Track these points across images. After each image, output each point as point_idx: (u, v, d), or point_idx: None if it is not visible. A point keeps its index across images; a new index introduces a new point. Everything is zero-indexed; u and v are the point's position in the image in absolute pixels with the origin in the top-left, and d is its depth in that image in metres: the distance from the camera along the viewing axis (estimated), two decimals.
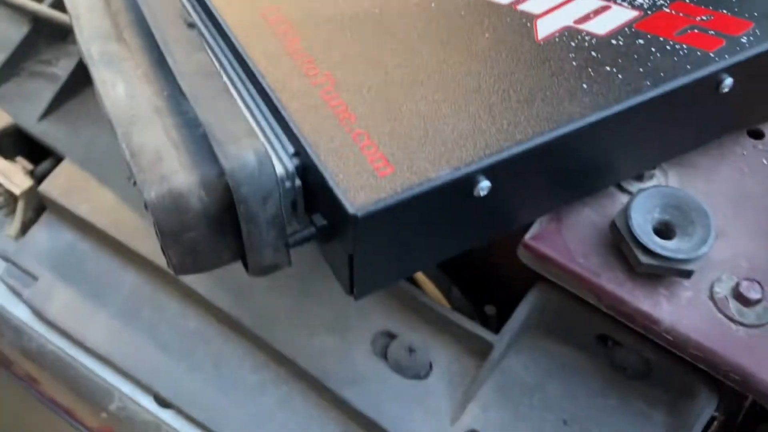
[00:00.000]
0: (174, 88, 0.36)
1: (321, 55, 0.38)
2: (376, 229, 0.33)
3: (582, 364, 0.44)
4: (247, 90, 0.37)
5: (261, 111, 0.37)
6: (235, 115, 0.34)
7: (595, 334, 0.44)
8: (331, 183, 0.33)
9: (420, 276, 0.51)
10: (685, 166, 0.45)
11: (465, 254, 0.49)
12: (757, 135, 0.47)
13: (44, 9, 0.56)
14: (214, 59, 0.37)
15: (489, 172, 0.34)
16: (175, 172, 0.33)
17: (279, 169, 0.34)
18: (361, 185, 0.33)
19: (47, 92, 0.56)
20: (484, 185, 0.34)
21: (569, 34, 0.40)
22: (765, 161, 0.46)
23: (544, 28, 0.40)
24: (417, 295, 0.46)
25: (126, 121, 0.34)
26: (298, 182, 0.35)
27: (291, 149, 0.35)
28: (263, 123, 0.36)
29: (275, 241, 0.34)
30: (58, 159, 0.55)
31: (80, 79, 0.56)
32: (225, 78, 0.37)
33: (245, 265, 0.37)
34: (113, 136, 0.55)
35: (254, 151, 0.32)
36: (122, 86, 0.36)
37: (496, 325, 0.48)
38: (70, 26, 0.55)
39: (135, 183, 0.33)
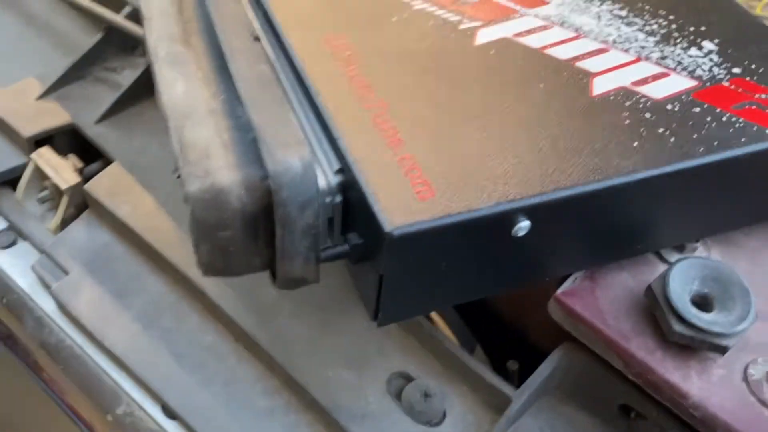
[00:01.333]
0: (231, 95, 0.37)
1: (377, 82, 0.39)
2: (409, 251, 0.33)
3: None
4: (301, 105, 0.38)
5: (311, 126, 0.37)
6: (286, 123, 0.34)
7: (618, 404, 0.42)
8: (371, 200, 0.33)
9: (442, 324, 0.50)
10: (729, 245, 0.44)
11: (494, 306, 0.48)
12: None
13: (118, 19, 0.58)
14: (273, 73, 0.38)
15: (530, 212, 0.34)
16: (220, 169, 0.33)
17: (321, 182, 0.34)
18: (401, 206, 0.33)
19: (108, 98, 0.58)
20: (523, 225, 0.34)
21: (624, 94, 0.40)
22: None
23: (600, 86, 0.40)
24: (440, 339, 0.45)
25: (180, 116, 0.35)
26: (338, 198, 0.35)
27: (336, 165, 0.35)
28: (312, 137, 0.37)
29: (307, 251, 0.34)
30: (107, 162, 0.56)
31: (140, 90, 0.58)
32: (283, 91, 0.37)
33: (273, 277, 0.37)
34: (162, 147, 0.56)
35: (300, 158, 0.33)
36: (182, 85, 0.37)
37: (517, 381, 0.46)
38: (140, 38, 0.58)
39: (179, 176, 0.34)
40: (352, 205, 0.35)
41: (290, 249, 0.34)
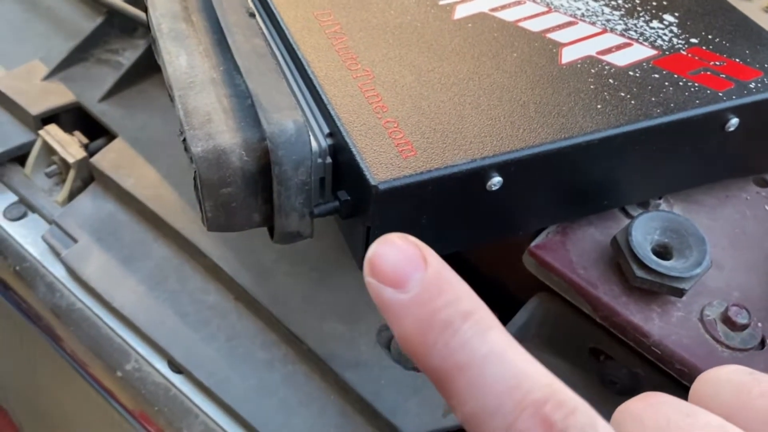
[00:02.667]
0: (229, 66, 0.40)
1: (363, 54, 0.42)
2: (393, 204, 0.36)
3: (574, 377, 0.46)
4: (293, 76, 0.42)
5: (303, 95, 0.41)
6: (281, 90, 0.38)
7: (589, 347, 0.46)
8: (358, 159, 0.36)
9: None
10: (690, 202, 0.48)
11: (475, 261, 0.52)
12: (762, 183, 0.50)
13: (119, 2, 0.61)
14: (267, 46, 0.42)
15: (502, 168, 0.38)
16: (222, 132, 0.37)
17: (313, 144, 0.38)
18: (385, 163, 0.36)
19: (110, 77, 0.61)
20: (496, 180, 0.38)
21: (591, 61, 0.43)
22: (767, 207, 0.48)
23: (569, 55, 0.44)
24: None
25: (184, 86, 0.38)
26: (329, 160, 0.39)
27: (326, 129, 0.39)
28: (304, 104, 0.40)
29: (302, 207, 0.38)
30: (110, 139, 0.59)
31: (141, 70, 0.61)
32: (275, 62, 0.41)
33: (271, 234, 0.41)
34: (164, 123, 0.60)
35: (294, 121, 0.36)
36: (185, 58, 0.40)
37: None
38: (140, 21, 0.61)
39: (184, 139, 0.37)
40: (341, 165, 0.39)
41: (286, 204, 0.37)
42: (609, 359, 0.46)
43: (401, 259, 0.20)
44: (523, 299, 0.47)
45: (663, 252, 0.43)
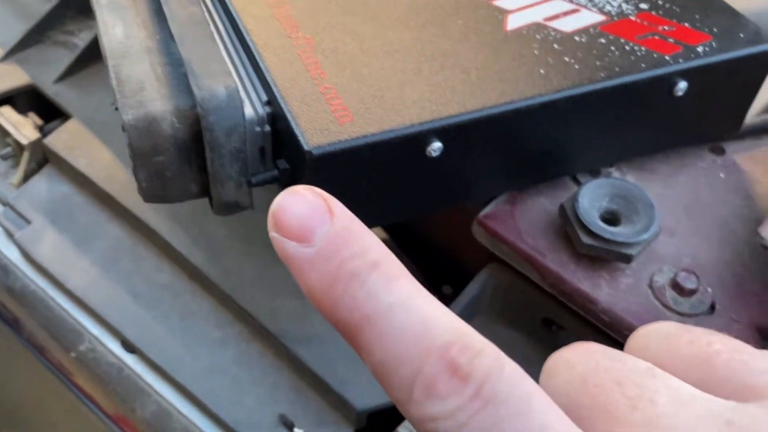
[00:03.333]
0: (166, 35, 0.40)
1: (306, 22, 0.42)
2: (330, 170, 0.36)
3: (527, 348, 0.46)
4: (233, 44, 0.41)
5: (242, 63, 0.40)
6: (214, 57, 0.37)
7: (541, 317, 0.46)
8: (293, 124, 0.36)
9: None
10: (644, 171, 0.47)
11: (427, 232, 0.52)
12: (717, 151, 0.49)
13: None
14: (206, 15, 0.41)
15: (441, 133, 0.37)
16: (154, 100, 0.36)
17: (248, 111, 0.37)
18: (321, 129, 0.36)
19: (66, 59, 0.60)
20: (436, 146, 0.37)
21: (536, 28, 0.43)
22: (722, 175, 0.48)
23: (514, 22, 0.43)
24: None
25: (119, 55, 0.38)
26: (267, 128, 0.38)
27: (264, 97, 0.38)
28: (242, 72, 0.39)
29: (238, 176, 0.37)
30: (66, 120, 0.59)
31: (97, 51, 0.60)
32: (214, 30, 0.40)
33: (211, 204, 0.40)
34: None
35: (225, 87, 0.36)
36: (121, 28, 0.40)
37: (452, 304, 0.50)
38: None
39: (117, 108, 0.36)
40: (280, 134, 0.38)
41: (221, 173, 0.37)
42: (561, 329, 0.46)
43: (305, 213, 0.20)
44: (475, 270, 0.47)
45: (611, 219, 0.42)
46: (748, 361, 0.19)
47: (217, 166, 0.36)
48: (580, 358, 0.20)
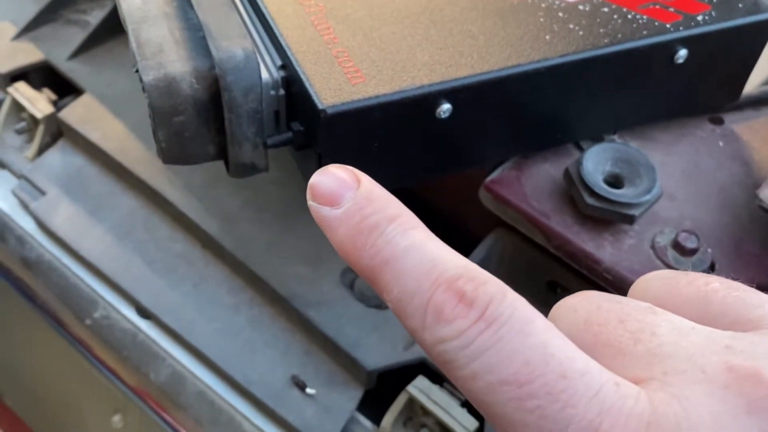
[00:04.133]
0: (182, 2, 0.41)
1: None
2: (343, 129, 0.37)
3: None
4: (247, 12, 0.42)
5: (256, 29, 0.41)
6: (232, 21, 0.39)
7: (546, 280, 0.47)
8: (307, 85, 0.37)
9: None
10: (645, 139, 0.49)
11: (434, 198, 0.53)
12: (716, 121, 0.50)
13: None
14: None
15: (450, 95, 0.38)
16: (173, 62, 0.37)
17: (264, 75, 0.39)
18: (334, 89, 0.37)
19: (78, 36, 0.61)
20: (445, 107, 0.38)
21: None
22: (721, 144, 0.49)
23: None
24: None
25: (138, 20, 0.39)
26: (281, 92, 0.39)
27: (279, 61, 0.39)
28: (257, 37, 0.41)
29: (254, 137, 0.39)
30: (79, 96, 0.60)
31: (109, 29, 0.62)
32: None
33: (227, 166, 0.41)
34: (130, 79, 0.60)
35: (243, 48, 0.37)
36: None
37: None
38: None
39: (137, 70, 0.38)
40: (294, 96, 0.39)
41: (238, 133, 0.38)
42: (565, 291, 0.47)
43: (337, 182, 0.22)
44: (482, 236, 0.48)
45: (614, 182, 0.44)
46: (744, 297, 0.20)
47: (234, 127, 0.37)
48: (582, 303, 0.21)
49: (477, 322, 0.18)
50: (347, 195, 0.22)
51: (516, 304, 0.18)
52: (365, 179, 0.22)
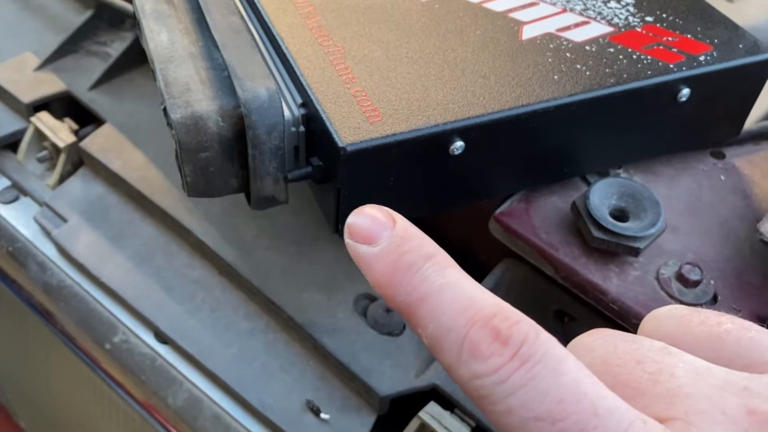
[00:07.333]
0: (208, 42, 0.43)
1: (335, 31, 0.45)
2: (361, 165, 0.39)
3: None
4: (269, 53, 0.44)
5: (278, 69, 0.43)
6: (255, 62, 0.40)
7: (553, 309, 0.49)
8: (328, 124, 0.39)
9: None
10: (649, 173, 0.50)
11: (444, 229, 0.55)
12: (718, 155, 0.52)
13: None
14: (243, 23, 0.44)
15: (463, 133, 0.40)
16: (199, 101, 0.39)
17: (287, 113, 0.40)
18: (353, 127, 0.39)
19: (99, 68, 0.63)
20: (458, 144, 0.40)
21: (550, 38, 0.46)
22: (722, 177, 0.51)
23: (529, 32, 0.46)
24: None
25: (165, 60, 0.41)
26: (302, 129, 0.41)
27: (299, 100, 0.41)
28: (278, 77, 0.43)
29: (276, 172, 0.40)
30: (100, 125, 0.62)
31: (129, 60, 0.64)
32: (251, 38, 0.43)
33: (248, 199, 0.43)
34: (150, 109, 0.62)
35: (266, 88, 0.39)
36: (165, 35, 0.43)
37: None
38: (128, 13, 0.64)
39: (165, 108, 0.40)
40: (314, 133, 0.41)
41: (261, 168, 0.40)
42: (572, 320, 0.48)
43: (374, 222, 0.23)
44: (491, 266, 0.50)
45: (620, 215, 0.45)
46: (757, 338, 0.21)
47: (257, 162, 0.39)
48: (598, 342, 0.22)
49: (512, 359, 0.19)
50: (384, 234, 0.23)
51: (549, 343, 0.19)
52: (400, 219, 0.23)
